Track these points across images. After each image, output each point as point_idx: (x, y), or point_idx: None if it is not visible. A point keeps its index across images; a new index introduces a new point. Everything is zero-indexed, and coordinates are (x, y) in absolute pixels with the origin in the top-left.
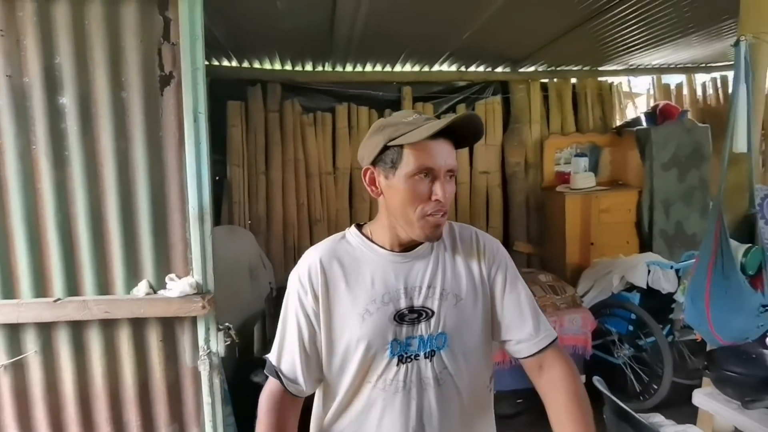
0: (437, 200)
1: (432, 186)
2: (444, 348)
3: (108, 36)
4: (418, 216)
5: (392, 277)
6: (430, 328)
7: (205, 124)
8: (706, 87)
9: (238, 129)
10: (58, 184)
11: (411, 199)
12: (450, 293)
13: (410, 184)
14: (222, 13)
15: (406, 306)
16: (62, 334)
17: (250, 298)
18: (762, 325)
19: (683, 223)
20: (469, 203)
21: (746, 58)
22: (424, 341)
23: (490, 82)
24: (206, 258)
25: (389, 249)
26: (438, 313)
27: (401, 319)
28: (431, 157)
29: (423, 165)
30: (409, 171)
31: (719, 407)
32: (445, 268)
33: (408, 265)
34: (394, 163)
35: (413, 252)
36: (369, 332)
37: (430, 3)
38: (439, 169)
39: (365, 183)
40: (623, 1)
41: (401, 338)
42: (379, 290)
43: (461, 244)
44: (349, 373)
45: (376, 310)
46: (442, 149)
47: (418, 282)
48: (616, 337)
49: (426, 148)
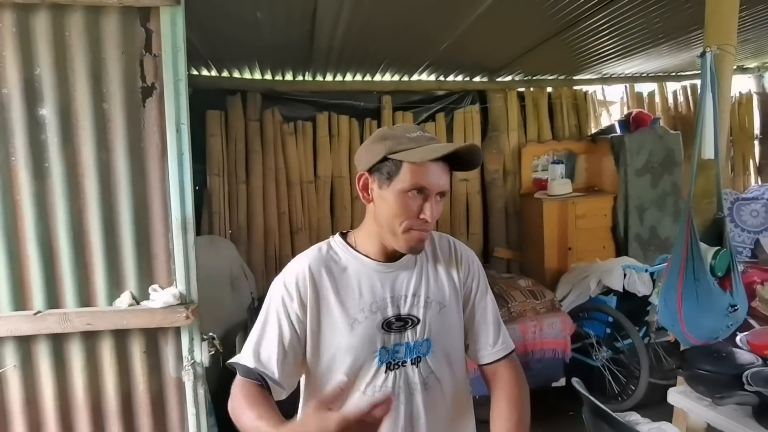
0: (424, 219)
1: (422, 204)
2: (429, 354)
3: (89, 47)
4: (403, 229)
5: (379, 286)
6: (416, 335)
7: (187, 135)
8: (677, 95)
9: (218, 138)
10: (38, 196)
11: (400, 213)
12: (434, 301)
13: (402, 199)
14: (201, 23)
15: (393, 314)
16: (42, 348)
17: (232, 308)
18: (731, 324)
19: (657, 227)
20: (449, 210)
21: (712, 68)
22: (410, 348)
23: (468, 92)
24: (189, 268)
25: (374, 258)
26: (423, 320)
27: (389, 327)
28: (427, 177)
29: (418, 183)
30: (404, 187)
31: (692, 404)
32: (428, 276)
33: (393, 275)
34: (390, 175)
35: (398, 262)
36: (358, 341)
37: (406, 17)
38: (431, 189)
39: (358, 187)
40: (596, 12)
41: (389, 346)
42: (367, 299)
43: (441, 253)
44: (336, 381)
45: (364, 319)
46: (438, 171)
47: (403, 291)
48: (595, 340)
49: (424, 168)
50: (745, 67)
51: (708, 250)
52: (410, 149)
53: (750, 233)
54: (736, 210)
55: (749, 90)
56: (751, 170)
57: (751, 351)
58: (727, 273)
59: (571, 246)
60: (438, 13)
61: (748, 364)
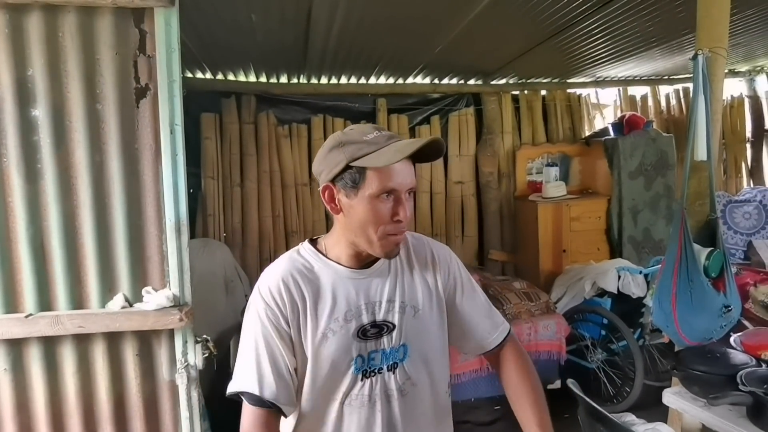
0: (398, 220)
1: (394, 207)
2: (405, 359)
3: (82, 48)
4: (379, 236)
5: (353, 294)
6: (392, 341)
7: (181, 136)
8: (670, 98)
9: (213, 141)
10: (30, 198)
11: (373, 220)
12: (408, 305)
13: (373, 205)
14: (196, 25)
15: (368, 321)
16: (33, 351)
17: (226, 311)
18: (725, 325)
19: (650, 229)
20: (444, 213)
21: (704, 70)
22: (386, 354)
23: (463, 94)
24: (183, 270)
25: (346, 265)
26: (399, 326)
27: (364, 335)
28: (394, 178)
29: (386, 187)
30: (373, 192)
31: (687, 405)
32: (403, 281)
33: (367, 281)
34: (356, 183)
35: (371, 269)
36: (333, 350)
37: (400, 20)
38: (400, 188)
39: (324, 200)
40: (589, 16)
41: (364, 353)
42: (341, 307)
43: (415, 256)
44: (315, 391)
45: (339, 328)
46: (403, 169)
47: (377, 297)
48: (589, 342)
49: (389, 170)
50: (737, 71)
51: (701, 251)
52: (371, 153)
53: (743, 235)
54: (729, 212)
55: (740, 93)
56: (743, 173)
57: (744, 351)
58: (721, 274)
59: (566, 248)
60: (431, 16)
61: (742, 365)
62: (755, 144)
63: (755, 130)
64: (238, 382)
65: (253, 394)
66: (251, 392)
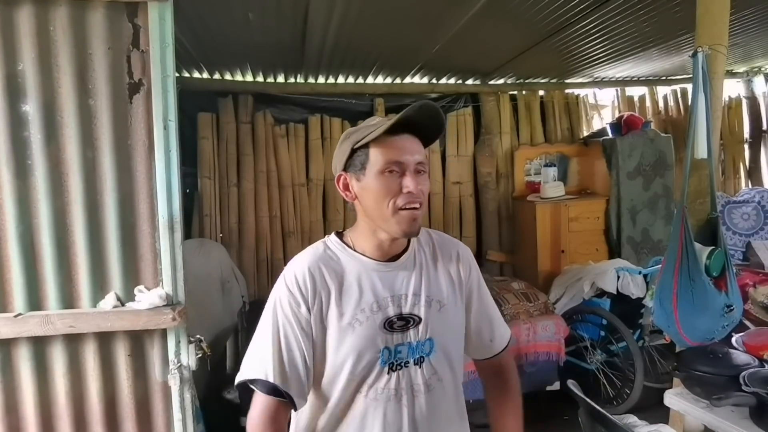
0: (409, 192)
1: (402, 180)
2: (432, 354)
3: (74, 42)
4: (392, 210)
5: (380, 286)
6: (418, 335)
7: (175, 132)
8: (668, 99)
9: (209, 141)
10: (20, 195)
11: (383, 195)
12: (434, 300)
13: (381, 181)
14: (193, 24)
15: (395, 314)
16: (23, 351)
17: (222, 312)
18: (727, 325)
19: (649, 229)
20: (442, 213)
21: (703, 68)
22: (413, 348)
23: (461, 94)
24: (176, 269)
25: (372, 257)
26: (425, 319)
27: (391, 327)
28: (396, 151)
29: (390, 159)
30: (379, 168)
31: (689, 407)
32: (428, 275)
33: (393, 274)
34: (363, 164)
35: (397, 262)
36: (360, 341)
37: (397, 19)
38: (406, 162)
39: (339, 189)
40: (586, 16)
41: (391, 346)
42: (368, 299)
43: (441, 252)
44: (340, 384)
45: (365, 319)
46: (406, 143)
47: (404, 290)
48: (589, 343)
49: (391, 144)
50: (734, 72)
51: (702, 250)
52: (371, 132)
53: (741, 236)
54: (728, 213)
55: (738, 94)
56: (741, 174)
57: (747, 352)
58: (722, 273)
59: (564, 248)
60: (429, 15)
61: (744, 365)
62: (753, 145)
63: (753, 131)
64: (250, 369)
65: (265, 381)
66: (263, 379)
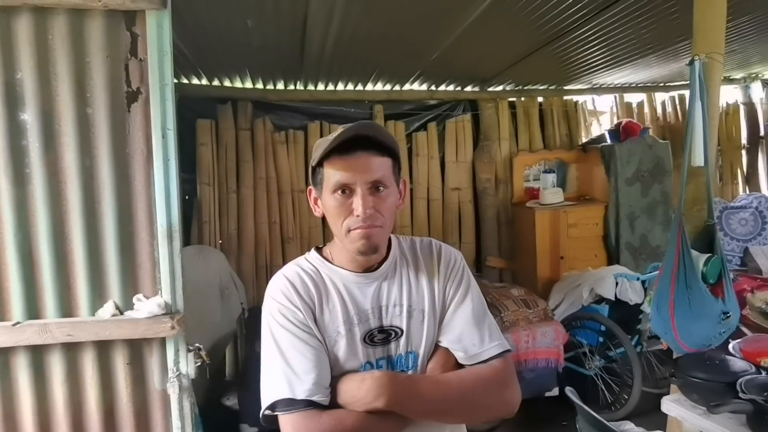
0: (357, 216)
1: (352, 200)
2: (414, 369)
3: (73, 51)
4: (344, 231)
5: (360, 297)
6: (399, 348)
7: (173, 141)
8: (666, 105)
9: (209, 147)
10: (18, 203)
11: (336, 215)
12: (416, 309)
13: (333, 201)
14: (192, 31)
15: (375, 326)
16: (21, 360)
17: (221, 319)
18: (724, 331)
19: (648, 236)
20: (441, 219)
21: (700, 76)
22: (393, 362)
23: (460, 101)
24: (175, 277)
25: (351, 270)
26: (407, 331)
27: (371, 340)
28: (345, 172)
29: (338, 182)
30: (330, 188)
31: (686, 413)
32: (409, 285)
33: (373, 285)
34: (320, 182)
35: (377, 272)
36: (342, 354)
37: (396, 26)
38: (355, 183)
39: (310, 203)
40: (584, 23)
41: (373, 360)
42: (349, 311)
43: (422, 259)
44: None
45: (346, 332)
46: (358, 163)
47: (384, 301)
48: (587, 349)
49: (340, 164)
50: (732, 78)
51: (699, 257)
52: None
53: (739, 242)
54: (725, 219)
55: (736, 101)
56: (739, 179)
57: (744, 358)
58: (719, 280)
59: (563, 255)
60: (427, 23)
61: (741, 372)
62: (751, 150)
63: (751, 137)
64: (268, 395)
65: (285, 399)
66: (283, 398)
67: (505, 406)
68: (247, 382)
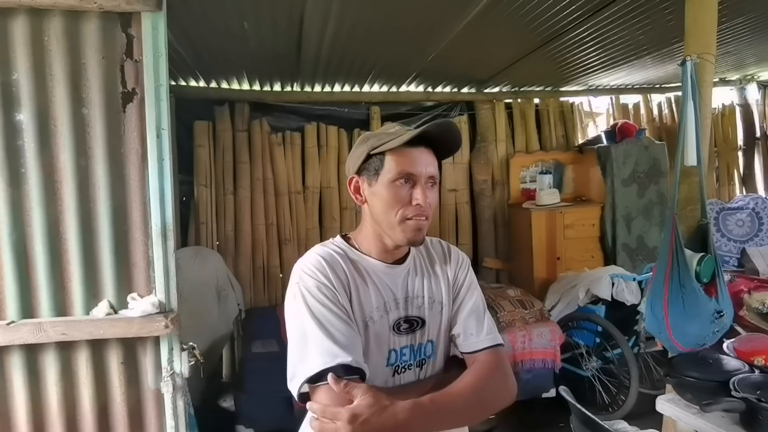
0: (417, 204)
1: (412, 191)
2: (433, 356)
3: (68, 52)
4: (399, 219)
5: (388, 287)
6: (421, 337)
7: (168, 141)
8: (662, 106)
9: (206, 149)
10: (14, 203)
11: (393, 203)
12: (435, 301)
13: (392, 189)
14: (189, 33)
15: (402, 316)
16: (15, 359)
17: (218, 320)
18: (718, 330)
19: (644, 236)
20: (438, 221)
21: (692, 76)
22: (414, 351)
23: (457, 102)
24: (169, 276)
25: (380, 260)
26: (428, 321)
27: (398, 329)
28: (411, 163)
29: (403, 170)
30: (391, 177)
31: (680, 412)
32: (430, 278)
33: (398, 276)
34: (377, 170)
35: (403, 265)
36: (372, 340)
37: (392, 27)
38: (418, 174)
39: (350, 192)
40: (579, 25)
41: (397, 348)
42: (379, 298)
43: (435, 254)
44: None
45: (379, 318)
46: (421, 156)
47: (409, 292)
48: (584, 350)
49: (406, 155)
50: (727, 80)
51: (693, 257)
52: (390, 141)
53: (736, 243)
54: (722, 220)
55: (732, 102)
56: (735, 180)
57: (737, 357)
58: (713, 279)
59: (560, 255)
60: (424, 24)
61: (734, 371)
62: (747, 152)
63: (747, 138)
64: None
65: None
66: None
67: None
68: (243, 384)
